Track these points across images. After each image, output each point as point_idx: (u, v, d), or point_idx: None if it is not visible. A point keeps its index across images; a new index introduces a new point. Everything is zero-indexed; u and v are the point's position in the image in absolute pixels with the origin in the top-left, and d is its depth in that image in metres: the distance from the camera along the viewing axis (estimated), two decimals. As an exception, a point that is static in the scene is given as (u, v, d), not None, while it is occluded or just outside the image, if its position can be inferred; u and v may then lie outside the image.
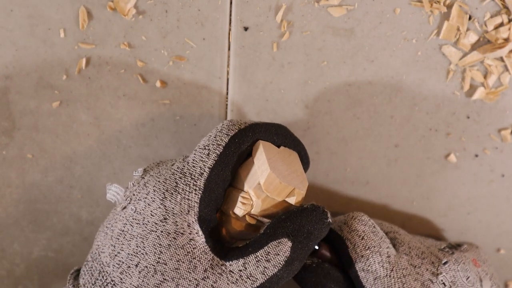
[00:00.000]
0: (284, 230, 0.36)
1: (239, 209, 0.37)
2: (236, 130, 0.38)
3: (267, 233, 0.37)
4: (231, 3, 0.42)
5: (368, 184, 0.49)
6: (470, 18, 0.42)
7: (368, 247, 0.41)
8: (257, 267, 0.36)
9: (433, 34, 0.43)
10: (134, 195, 0.38)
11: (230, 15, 0.42)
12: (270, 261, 0.36)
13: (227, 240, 0.39)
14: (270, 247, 0.36)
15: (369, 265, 0.40)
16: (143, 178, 0.38)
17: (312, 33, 0.43)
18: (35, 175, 0.48)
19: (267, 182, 0.36)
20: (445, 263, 0.42)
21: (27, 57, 0.43)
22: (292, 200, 0.38)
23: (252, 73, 0.44)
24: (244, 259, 0.36)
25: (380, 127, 0.47)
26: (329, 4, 0.42)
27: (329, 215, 0.38)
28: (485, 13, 0.42)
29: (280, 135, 0.40)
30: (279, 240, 0.36)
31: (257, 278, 0.36)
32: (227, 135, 0.38)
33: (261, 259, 0.36)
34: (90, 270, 0.37)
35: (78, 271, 0.40)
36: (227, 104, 0.46)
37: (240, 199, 0.37)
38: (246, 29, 0.43)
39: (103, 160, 0.47)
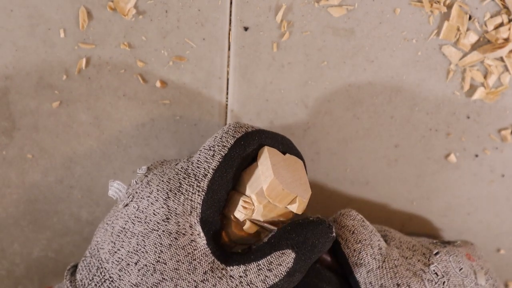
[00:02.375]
0: (288, 241, 0.36)
1: (239, 213, 0.37)
2: (243, 133, 0.38)
3: (271, 242, 0.36)
4: (231, 3, 0.42)
5: (368, 184, 0.49)
6: (470, 18, 0.42)
7: (359, 241, 0.41)
8: (258, 275, 0.36)
9: (433, 34, 0.43)
10: (137, 193, 0.38)
11: (230, 15, 0.42)
12: (272, 271, 0.36)
13: (226, 244, 0.38)
14: (274, 256, 0.36)
15: (361, 259, 0.40)
16: (147, 176, 0.38)
17: (312, 33, 0.43)
18: (35, 175, 0.48)
19: (270, 188, 0.36)
20: (436, 253, 0.42)
21: (27, 57, 0.43)
22: (294, 208, 0.37)
23: (252, 73, 0.44)
24: (246, 265, 0.36)
25: (380, 127, 0.47)
26: (329, 4, 0.42)
27: (333, 229, 0.38)
28: (485, 13, 0.42)
29: (285, 145, 0.39)
30: (283, 251, 0.36)
31: (257, 286, 0.35)
32: (233, 137, 0.37)
33: (263, 267, 0.36)
34: (88, 266, 0.37)
35: (75, 267, 0.39)
36: (227, 104, 0.46)
37: (241, 203, 0.37)
38: (246, 29, 0.43)
39: (103, 160, 0.47)
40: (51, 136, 0.46)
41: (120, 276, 0.36)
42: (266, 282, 0.36)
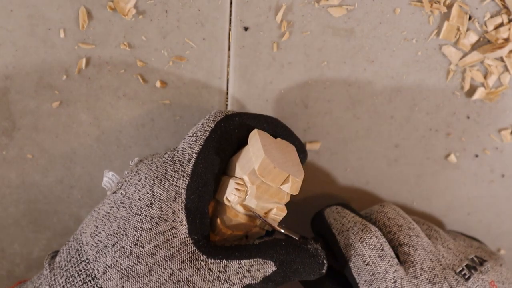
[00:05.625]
0: (275, 255, 0.36)
1: (233, 196, 0.37)
2: (223, 116, 0.38)
3: (259, 247, 0.37)
4: (231, 3, 0.42)
5: (368, 184, 0.49)
6: (470, 18, 0.42)
7: (373, 274, 0.39)
8: (237, 273, 0.36)
9: (433, 34, 0.43)
10: (126, 181, 0.38)
11: (230, 15, 0.42)
12: (250, 272, 0.36)
13: (222, 232, 0.38)
14: (256, 261, 0.36)
15: None
16: (137, 166, 0.39)
17: (312, 33, 0.43)
18: (35, 175, 0.48)
19: (262, 166, 0.36)
20: None
21: (27, 57, 0.43)
22: (287, 188, 0.37)
23: (252, 73, 0.44)
24: (228, 261, 0.36)
25: (380, 127, 0.47)
26: (329, 4, 0.42)
27: (325, 267, 0.37)
28: (485, 13, 0.42)
29: (271, 124, 0.39)
30: (266, 261, 0.36)
31: (234, 283, 0.35)
32: (214, 121, 0.38)
33: (243, 267, 0.36)
34: (69, 249, 0.37)
35: (56, 253, 0.39)
36: (227, 105, 0.46)
37: (234, 185, 0.37)
38: (246, 29, 0.43)
39: (103, 160, 0.47)
40: (51, 136, 0.46)
41: (96, 257, 0.36)
42: (242, 281, 0.36)
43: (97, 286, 0.35)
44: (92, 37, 0.42)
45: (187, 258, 0.35)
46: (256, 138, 0.37)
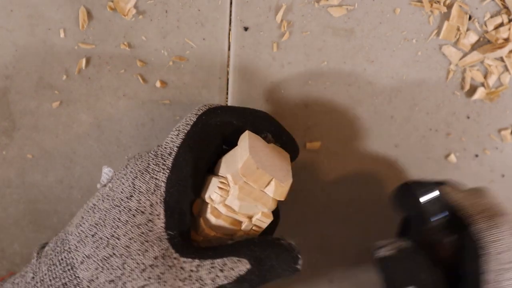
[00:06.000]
0: (249, 252, 0.36)
1: (215, 194, 0.36)
2: (205, 109, 0.38)
3: (233, 246, 0.36)
4: (231, 3, 0.42)
5: (368, 184, 0.49)
6: (470, 18, 0.42)
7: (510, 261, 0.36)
8: (210, 273, 0.35)
9: (433, 34, 0.43)
10: (115, 175, 0.38)
11: (230, 15, 0.42)
12: (223, 272, 0.35)
13: (205, 232, 0.37)
14: (229, 260, 0.36)
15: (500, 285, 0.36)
16: (128, 161, 0.39)
17: (312, 33, 0.43)
18: (35, 175, 0.48)
19: (245, 166, 0.35)
20: None
21: (27, 57, 0.43)
22: (270, 191, 0.36)
23: (252, 73, 0.44)
24: (200, 261, 0.35)
25: (380, 127, 0.47)
26: (329, 4, 0.42)
27: (300, 261, 0.37)
28: (485, 13, 0.42)
29: (257, 118, 0.39)
30: (239, 259, 0.36)
31: (206, 283, 0.35)
32: (196, 114, 0.38)
33: (216, 267, 0.35)
34: (56, 239, 0.38)
35: (46, 243, 0.40)
36: (227, 104, 0.45)
37: (217, 183, 0.36)
38: (246, 29, 0.43)
39: (103, 160, 0.47)
40: (51, 136, 0.46)
41: (77, 247, 0.36)
42: (215, 281, 0.35)
43: (75, 275, 0.35)
44: (92, 37, 0.42)
45: (160, 255, 0.35)
46: (245, 139, 0.37)
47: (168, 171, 0.36)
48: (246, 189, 0.36)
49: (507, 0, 0.41)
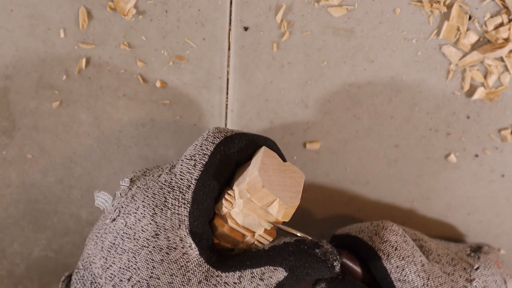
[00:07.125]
0: (285, 262, 0.36)
1: (222, 206, 0.37)
2: (222, 138, 0.37)
3: (269, 254, 0.36)
4: (231, 3, 0.42)
5: (368, 184, 0.49)
6: (470, 18, 0.42)
7: (403, 257, 0.40)
8: (251, 282, 0.36)
9: (433, 34, 0.43)
10: (122, 207, 0.37)
11: (230, 15, 0.42)
12: (263, 280, 0.36)
13: (215, 242, 0.38)
14: (267, 269, 0.36)
15: (405, 275, 0.40)
16: (131, 189, 0.38)
17: (312, 33, 0.43)
18: (35, 175, 0.48)
19: (251, 183, 0.35)
20: (476, 268, 0.42)
21: (27, 57, 0.43)
22: (273, 211, 0.36)
23: (252, 73, 0.44)
24: (241, 272, 0.36)
25: (380, 127, 0.47)
26: (329, 4, 0.42)
27: (337, 268, 0.37)
28: (485, 13, 0.42)
29: (268, 146, 0.39)
30: (276, 268, 0.36)
31: None
32: (213, 143, 0.37)
33: (256, 276, 0.36)
34: (82, 280, 0.37)
35: (69, 277, 0.39)
36: (227, 104, 0.46)
37: (225, 195, 0.36)
38: (246, 29, 0.43)
39: (103, 160, 0.47)
40: (51, 136, 0.46)
41: None
42: None
43: None
44: (92, 37, 0.42)
45: (203, 278, 0.35)
46: (259, 155, 0.37)
47: (189, 205, 0.36)
48: (250, 205, 0.36)
49: (507, 0, 0.41)
